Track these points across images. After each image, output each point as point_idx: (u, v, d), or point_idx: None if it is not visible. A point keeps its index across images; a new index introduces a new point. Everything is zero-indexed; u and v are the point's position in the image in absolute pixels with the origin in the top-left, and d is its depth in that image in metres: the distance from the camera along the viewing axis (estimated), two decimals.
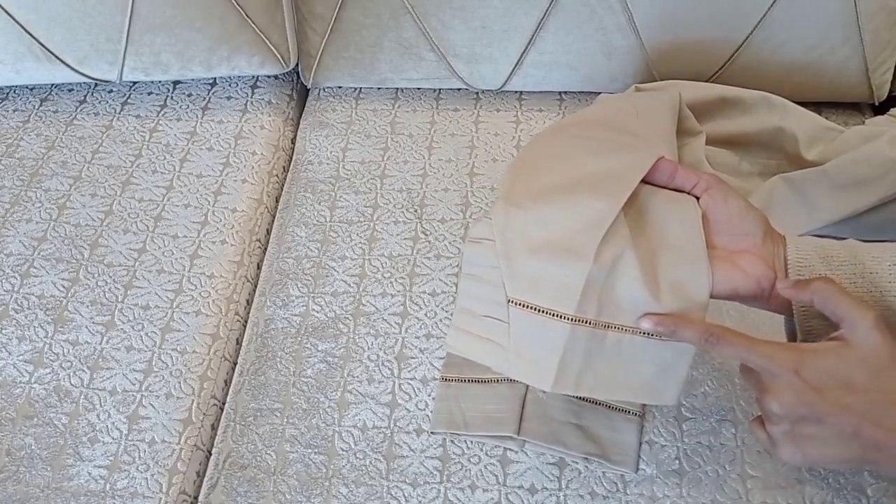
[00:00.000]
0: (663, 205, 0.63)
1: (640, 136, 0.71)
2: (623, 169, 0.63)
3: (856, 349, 0.52)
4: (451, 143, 0.96)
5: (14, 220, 0.88)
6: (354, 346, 0.77)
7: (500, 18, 0.94)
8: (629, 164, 0.64)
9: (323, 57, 1.01)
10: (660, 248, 0.60)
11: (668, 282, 0.58)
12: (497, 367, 0.61)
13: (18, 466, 0.70)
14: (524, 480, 0.67)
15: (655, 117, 0.76)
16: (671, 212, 0.62)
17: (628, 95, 0.84)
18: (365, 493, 0.67)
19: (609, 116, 0.75)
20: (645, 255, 0.59)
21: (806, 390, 0.52)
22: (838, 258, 0.59)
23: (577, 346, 0.58)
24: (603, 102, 0.82)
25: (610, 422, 0.69)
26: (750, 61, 0.94)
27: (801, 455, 0.53)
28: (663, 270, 0.59)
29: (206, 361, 0.78)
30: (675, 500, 0.66)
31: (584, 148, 0.68)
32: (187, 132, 0.99)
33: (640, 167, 0.63)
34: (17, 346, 0.78)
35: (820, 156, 0.84)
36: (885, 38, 0.93)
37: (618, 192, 0.61)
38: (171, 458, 0.71)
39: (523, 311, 0.59)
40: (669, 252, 0.60)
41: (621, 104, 0.79)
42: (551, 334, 0.58)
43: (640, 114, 0.75)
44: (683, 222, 0.61)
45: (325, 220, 0.88)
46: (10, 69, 0.97)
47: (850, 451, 0.52)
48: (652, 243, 0.60)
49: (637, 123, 0.73)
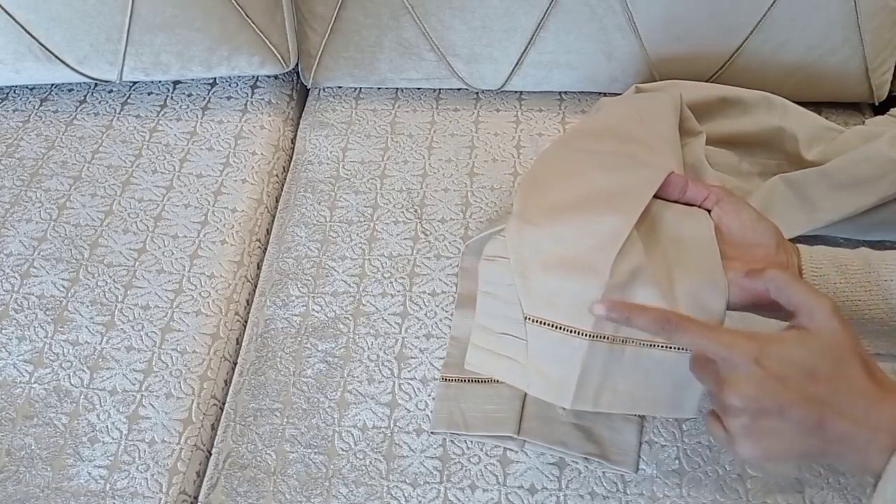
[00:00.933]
0: (676, 218, 0.63)
1: (646, 145, 0.71)
2: (634, 184, 0.64)
3: (817, 337, 0.50)
4: (451, 143, 0.96)
5: (14, 220, 0.88)
6: (354, 346, 0.77)
7: (501, 18, 0.94)
8: (640, 180, 0.64)
9: (323, 57, 1.01)
10: (675, 262, 0.60)
11: (685, 295, 0.58)
12: (516, 384, 0.61)
13: (18, 466, 0.70)
14: (524, 480, 0.67)
15: (660, 122, 0.76)
16: (684, 226, 0.62)
17: (630, 98, 0.84)
18: (365, 493, 0.67)
19: (614, 125, 0.75)
20: (660, 270, 0.59)
21: (768, 380, 0.49)
22: (852, 266, 0.59)
23: (596, 361, 0.58)
24: (606, 108, 0.82)
25: (610, 422, 0.69)
26: (750, 61, 0.94)
27: (761, 450, 0.50)
28: (679, 284, 0.59)
29: (206, 361, 0.78)
30: (675, 500, 0.66)
31: (593, 163, 0.69)
32: (187, 132, 0.99)
33: (651, 183, 0.63)
34: (17, 346, 0.78)
35: (820, 156, 0.84)
36: (885, 38, 0.93)
37: (631, 207, 0.61)
38: (171, 458, 0.71)
39: (540, 327, 0.59)
40: (684, 265, 0.60)
41: (625, 110, 0.79)
42: (569, 350, 0.58)
43: (643, 120, 0.75)
44: (697, 236, 0.61)
45: (325, 220, 0.88)
46: (10, 69, 0.97)
47: (812, 445, 0.50)
48: (667, 257, 0.60)
49: (641, 130, 0.73)
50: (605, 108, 0.82)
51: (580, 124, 0.79)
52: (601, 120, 0.78)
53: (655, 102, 0.79)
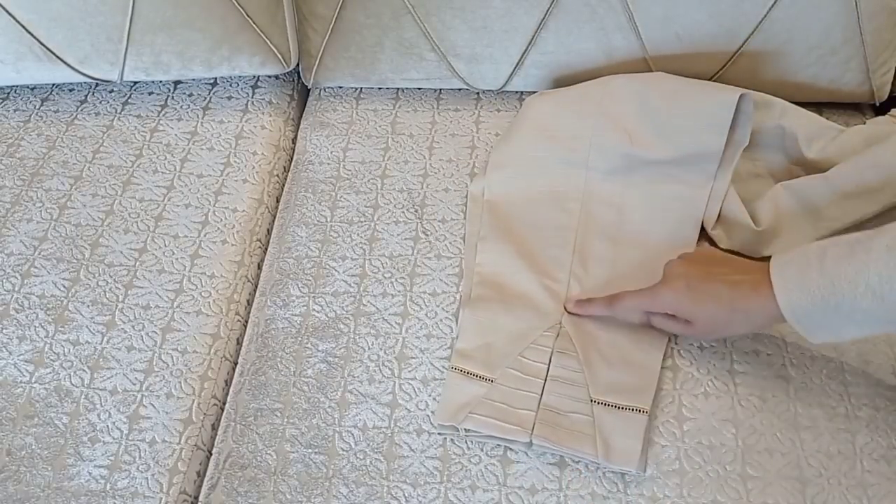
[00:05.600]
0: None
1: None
2: None
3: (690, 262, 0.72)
4: (451, 143, 0.96)
5: (15, 220, 0.88)
6: (355, 346, 0.77)
7: (501, 18, 0.94)
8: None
9: (324, 57, 1.01)
10: None
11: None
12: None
13: (19, 466, 0.70)
14: (524, 481, 0.67)
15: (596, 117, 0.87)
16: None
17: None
18: (365, 493, 0.67)
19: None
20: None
21: (684, 264, 0.72)
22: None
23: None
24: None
25: (616, 421, 0.69)
26: (750, 62, 0.94)
27: (685, 283, 0.69)
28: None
29: (207, 361, 0.78)
30: (675, 500, 0.66)
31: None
32: (188, 132, 0.99)
33: None
34: (17, 345, 0.78)
35: (821, 153, 0.84)
36: (885, 38, 0.93)
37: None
38: (171, 458, 0.71)
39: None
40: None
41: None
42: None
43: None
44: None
45: (326, 220, 0.88)
46: (11, 69, 0.97)
47: (721, 290, 0.67)
48: None
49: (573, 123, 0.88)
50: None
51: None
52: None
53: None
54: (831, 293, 0.59)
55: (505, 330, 0.75)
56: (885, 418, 0.70)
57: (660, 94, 0.85)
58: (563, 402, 0.70)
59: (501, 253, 0.81)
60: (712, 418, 0.70)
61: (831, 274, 0.60)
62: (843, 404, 0.71)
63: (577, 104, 0.88)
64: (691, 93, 0.84)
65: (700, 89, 0.85)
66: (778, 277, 0.63)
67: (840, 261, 0.60)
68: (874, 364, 0.73)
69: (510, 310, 0.76)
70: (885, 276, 0.57)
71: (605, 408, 0.70)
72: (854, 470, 0.67)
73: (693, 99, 0.83)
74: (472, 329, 0.76)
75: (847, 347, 0.74)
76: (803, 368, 0.73)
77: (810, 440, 0.69)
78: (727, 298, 0.67)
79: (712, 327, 0.70)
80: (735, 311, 0.66)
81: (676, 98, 0.84)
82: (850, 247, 0.60)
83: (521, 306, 0.77)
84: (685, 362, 0.74)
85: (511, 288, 0.78)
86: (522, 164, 0.87)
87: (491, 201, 0.86)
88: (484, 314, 0.76)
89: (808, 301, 0.61)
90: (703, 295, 0.68)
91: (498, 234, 0.82)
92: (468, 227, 0.85)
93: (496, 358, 0.73)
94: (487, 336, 0.75)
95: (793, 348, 0.75)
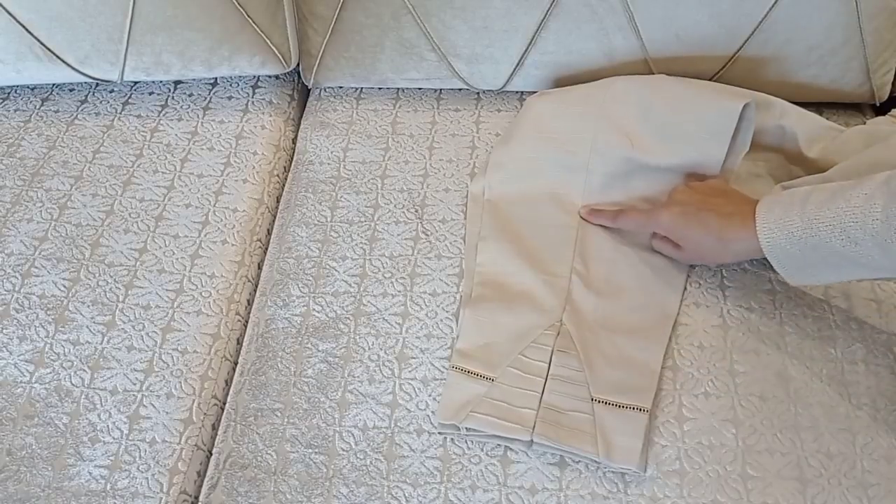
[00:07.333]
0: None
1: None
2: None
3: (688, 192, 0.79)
4: (451, 143, 0.96)
5: (15, 220, 0.88)
6: (355, 346, 0.77)
7: (501, 18, 0.94)
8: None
9: (324, 57, 1.01)
10: None
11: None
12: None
13: (19, 466, 0.70)
14: (525, 481, 0.67)
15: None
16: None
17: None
18: (365, 493, 0.67)
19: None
20: None
21: (682, 192, 0.78)
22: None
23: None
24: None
25: (617, 419, 0.69)
26: (751, 62, 0.94)
27: (680, 209, 0.76)
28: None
29: (207, 361, 0.78)
30: (676, 500, 0.66)
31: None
32: (188, 132, 0.99)
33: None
34: (17, 345, 0.78)
35: (821, 153, 0.84)
36: (886, 38, 0.93)
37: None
38: (171, 458, 0.71)
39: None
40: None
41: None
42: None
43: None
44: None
45: (326, 220, 0.88)
46: (11, 69, 0.97)
47: (710, 219, 0.73)
48: None
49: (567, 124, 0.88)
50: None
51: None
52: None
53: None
54: (809, 234, 0.65)
55: (505, 329, 0.75)
56: (885, 418, 0.70)
57: (662, 99, 0.85)
58: (564, 401, 0.70)
59: (502, 252, 0.81)
60: (712, 418, 0.70)
61: (811, 217, 0.65)
62: (843, 404, 0.71)
63: (579, 106, 0.88)
64: (694, 98, 0.84)
65: (703, 94, 0.85)
66: (762, 216, 0.68)
67: (821, 205, 0.64)
68: (874, 364, 0.74)
69: (511, 309, 0.77)
70: (859, 221, 0.62)
71: (606, 406, 0.70)
72: (854, 470, 0.67)
73: (696, 105, 0.83)
74: (473, 328, 0.76)
75: (848, 347, 0.74)
76: (803, 368, 0.73)
77: (810, 440, 0.69)
78: (716, 227, 0.73)
79: (699, 253, 0.77)
80: (721, 241, 0.72)
81: (679, 104, 0.84)
82: (832, 193, 0.65)
83: (521, 305, 0.77)
84: (685, 362, 0.74)
85: (511, 287, 0.78)
86: (523, 165, 0.87)
87: (491, 201, 0.86)
88: (484, 314, 0.76)
89: (786, 240, 0.66)
90: (694, 221, 0.75)
91: (498, 234, 0.82)
92: (468, 227, 0.85)
93: (497, 357, 0.73)
94: (488, 335, 0.75)
95: (793, 348, 0.75)
